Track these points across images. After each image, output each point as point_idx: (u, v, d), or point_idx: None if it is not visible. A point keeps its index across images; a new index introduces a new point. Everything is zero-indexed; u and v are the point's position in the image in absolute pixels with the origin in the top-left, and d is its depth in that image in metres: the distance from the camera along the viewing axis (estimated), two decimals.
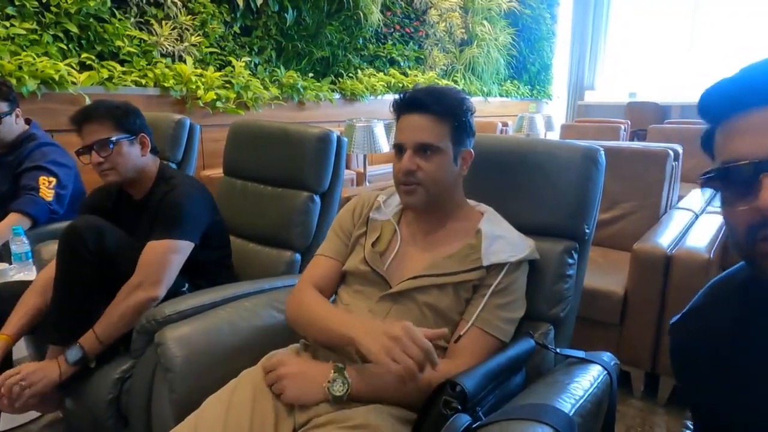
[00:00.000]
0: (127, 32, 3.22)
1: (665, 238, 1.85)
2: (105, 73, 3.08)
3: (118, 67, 3.15)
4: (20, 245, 1.72)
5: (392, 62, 5.41)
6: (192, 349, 1.08)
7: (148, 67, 3.34)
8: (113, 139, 1.38)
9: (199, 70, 3.57)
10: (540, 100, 8.26)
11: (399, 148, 1.05)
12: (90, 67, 3.05)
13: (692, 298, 1.83)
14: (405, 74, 5.51)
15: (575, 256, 1.16)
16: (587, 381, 0.92)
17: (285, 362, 0.99)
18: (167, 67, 3.41)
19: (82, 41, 3.06)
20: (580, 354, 1.03)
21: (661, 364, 1.83)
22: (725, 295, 0.69)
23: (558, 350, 1.06)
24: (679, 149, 2.40)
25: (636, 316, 1.82)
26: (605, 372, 0.97)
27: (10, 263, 1.73)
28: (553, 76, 8.44)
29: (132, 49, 3.25)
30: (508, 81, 7.38)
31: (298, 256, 1.66)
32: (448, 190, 1.08)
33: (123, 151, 1.40)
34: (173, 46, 3.48)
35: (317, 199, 1.68)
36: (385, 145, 3.24)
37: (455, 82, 6.22)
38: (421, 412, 0.86)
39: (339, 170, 1.73)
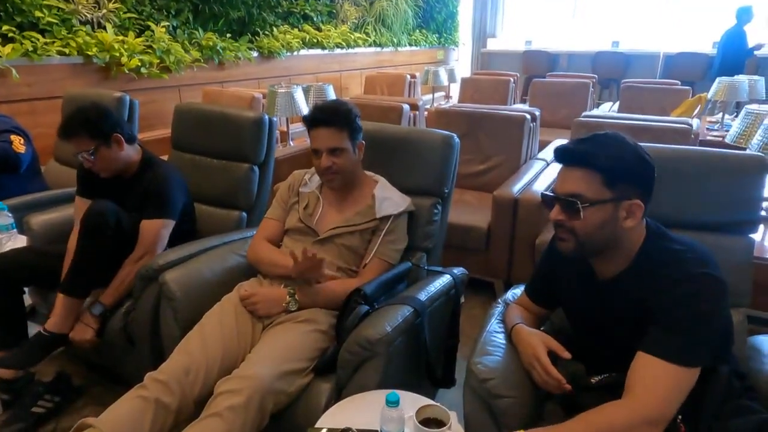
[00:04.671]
0: (45, 1, 3.30)
1: (516, 185, 2.54)
2: (28, 45, 3.20)
3: (41, 38, 3.27)
4: (4, 218, 2.06)
5: (306, 18, 5.66)
6: (185, 284, 1.57)
7: (69, 36, 3.45)
8: (91, 149, 1.74)
9: (120, 37, 3.72)
10: (447, 47, 8.81)
11: (316, 152, 1.57)
12: (12, 40, 3.15)
13: (531, 228, 2.49)
14: (318, 29, 5.80)
15: (439, 207, 1.77)
16: (438, 283, 1.56)
17: (255, 292, 1.52)
18: (88, 35, 3.54)
19: (1, 13, 3.13)
20: (439, 269, 1.67)
21: (513, 276, 2.57)
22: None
23: (426, 267, 1.69)
24: (537, 112, 3.09)
25: (496, 243, 2.52)
26: (450, 278, 1.60)
27: None
28: (459, 24, 8.98)
29: (51, 19, 3.34)
30: (417, 30, 7.81)
31: (244, 215, 2.15)
32: (353, 171, 1.63)
33: (104, 155, 1.76)
34: (91, 14, 3.59)
35: (256, 169, 2.16)
36: (304, 108, 3.65)
37: (366, 34, 6.58)
38: (342, 308, 1.44)
39: (271, 145, 2.20)
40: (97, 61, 3.57)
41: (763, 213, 2.22)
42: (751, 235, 1.41)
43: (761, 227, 2.17)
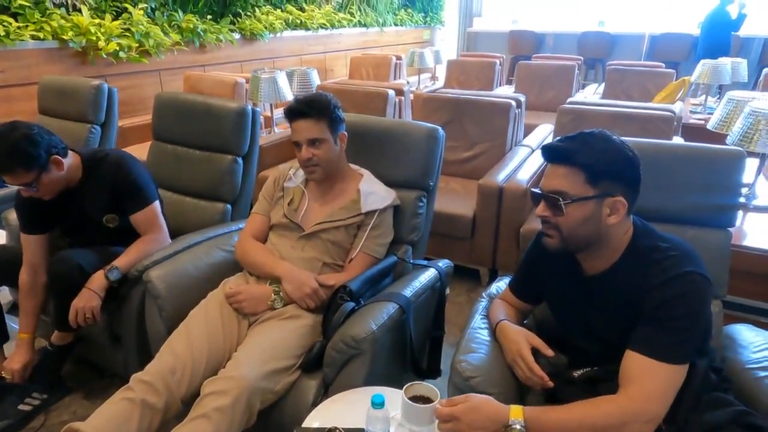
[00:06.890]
0: None
1: (501, 174, 2.55)
2: (0, 30, 3.09)
3: (13, 22, 3.16)
4: None
5: None
6: (170, 282, 1.56)
7: (43, 19, 3.34)
8: (31, 181, 1.56)
9: (96, 20, 3.61)
10: (433, 26, 8.71)
11: (297, 144, 1.56)
12: None
13: (516, 216, 2.53)
14: (302, 9, 5.68)
15: (424, 200, 1.78)
16: (423, 277, 1.57)
17: (240, 290, 1.52)
18: (63, 18, 3.43)
19: None
20: (424, 262, 1.68)
21: (498, 264, 2.60)
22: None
23: (411, 261, 1.70)
24: (522, 98, 3.09)
25: (481, 231, 2.54)
26: (436, 271, 1.62)
27: None
28: (445, 3, 8.86)
29: (24, 2, 3.22)
30: (402, 10, 7.70)
31: (229, 207, 2.13)
32: (336, 164, 1.62)
33: (45, 181, 1.60)
34: None
35: (240, 160, 2.13)
36: (288, 94, 3.60)
37: (351, 14, 6.46)
38: (327, 305, 1.45)
39: (255, 136, 2.17)
40: (72, 45, 3.46)
41: (741, 200, 2.27)
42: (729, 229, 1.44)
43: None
